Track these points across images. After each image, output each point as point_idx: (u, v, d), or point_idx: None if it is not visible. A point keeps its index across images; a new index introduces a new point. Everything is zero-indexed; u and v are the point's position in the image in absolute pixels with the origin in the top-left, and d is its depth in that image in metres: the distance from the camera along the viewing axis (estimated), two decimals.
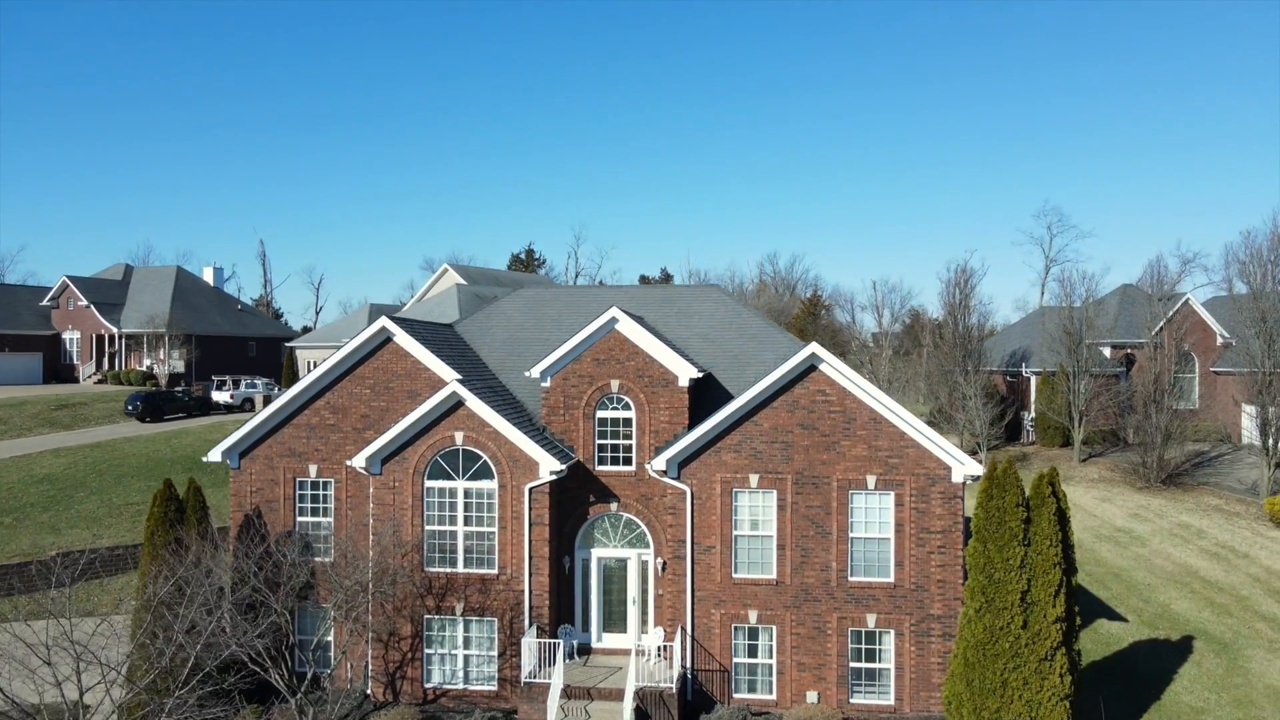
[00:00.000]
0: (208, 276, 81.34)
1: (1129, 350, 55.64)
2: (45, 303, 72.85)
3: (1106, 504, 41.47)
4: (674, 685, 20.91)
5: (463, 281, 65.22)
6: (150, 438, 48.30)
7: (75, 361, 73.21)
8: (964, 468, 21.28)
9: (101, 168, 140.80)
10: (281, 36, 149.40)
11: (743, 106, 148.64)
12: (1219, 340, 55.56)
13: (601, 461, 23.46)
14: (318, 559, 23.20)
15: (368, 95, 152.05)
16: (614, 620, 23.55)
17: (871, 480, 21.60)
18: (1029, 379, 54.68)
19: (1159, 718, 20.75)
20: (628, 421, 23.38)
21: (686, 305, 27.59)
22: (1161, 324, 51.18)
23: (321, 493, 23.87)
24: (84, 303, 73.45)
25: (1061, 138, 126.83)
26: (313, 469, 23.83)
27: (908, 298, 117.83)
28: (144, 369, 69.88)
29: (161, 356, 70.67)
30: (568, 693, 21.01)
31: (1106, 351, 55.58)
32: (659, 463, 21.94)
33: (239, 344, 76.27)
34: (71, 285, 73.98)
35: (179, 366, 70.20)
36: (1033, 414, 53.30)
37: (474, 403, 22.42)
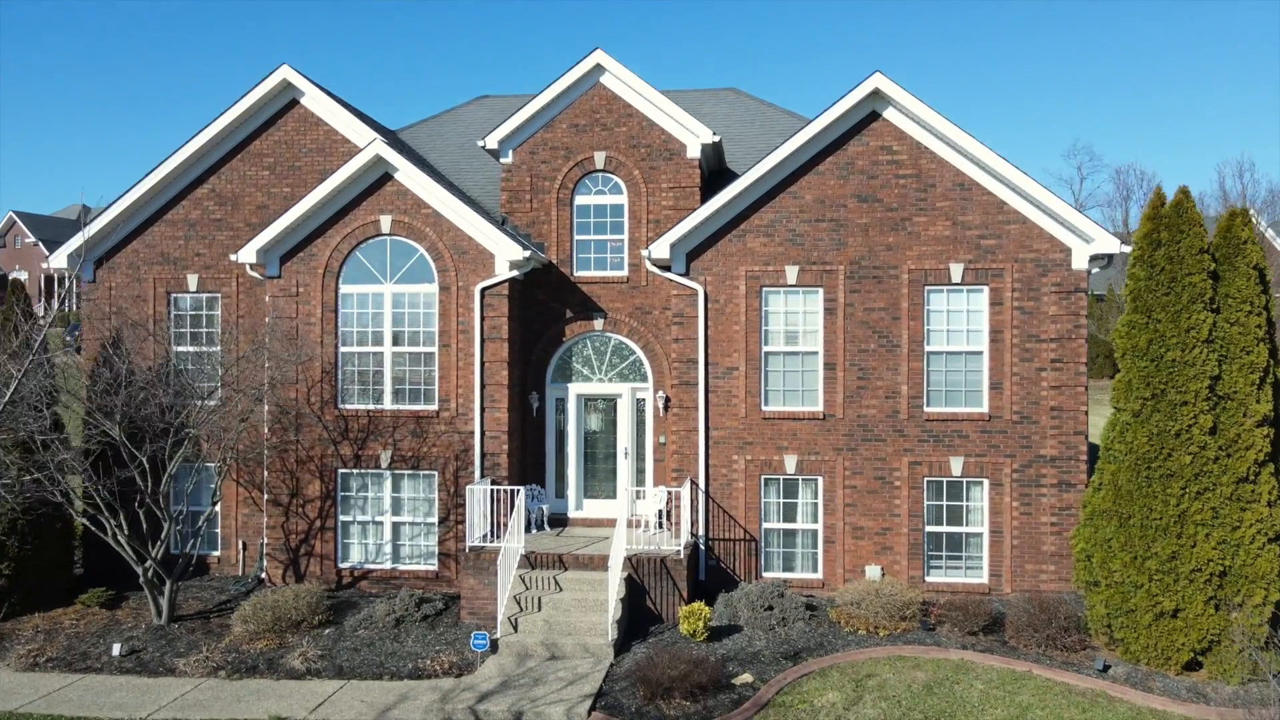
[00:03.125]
0: None
1: None
2: None
3: None
4: (681, 551, 14.76)
5: None
6: None
7: None
8: (1090, 246, 15.12)
9: (69, 114, 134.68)
10: None
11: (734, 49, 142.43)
12: None
13: (583, 265, 17.30)
14: (201, 401, 16.94)
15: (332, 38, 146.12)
16: (599, 481, 17.38)
17: (957, 271, 15.45)
18: None
19: None
20: (618, 210, 17.23)
21: (696, 107, 21.35)
22: None
23: (205, 313, 17.71)
24: (32, 240, 67.54)
25: (1092, 71, 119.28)
26: (192, 280, 17.66)
27: None
28: None
29: None
30: (531, 561, 14.85)
31: None
32: (660, 248, 15.78)
33: None
34: (19, 221, 68.06)
35: None
36: None
37: (407, 172, 16.28)
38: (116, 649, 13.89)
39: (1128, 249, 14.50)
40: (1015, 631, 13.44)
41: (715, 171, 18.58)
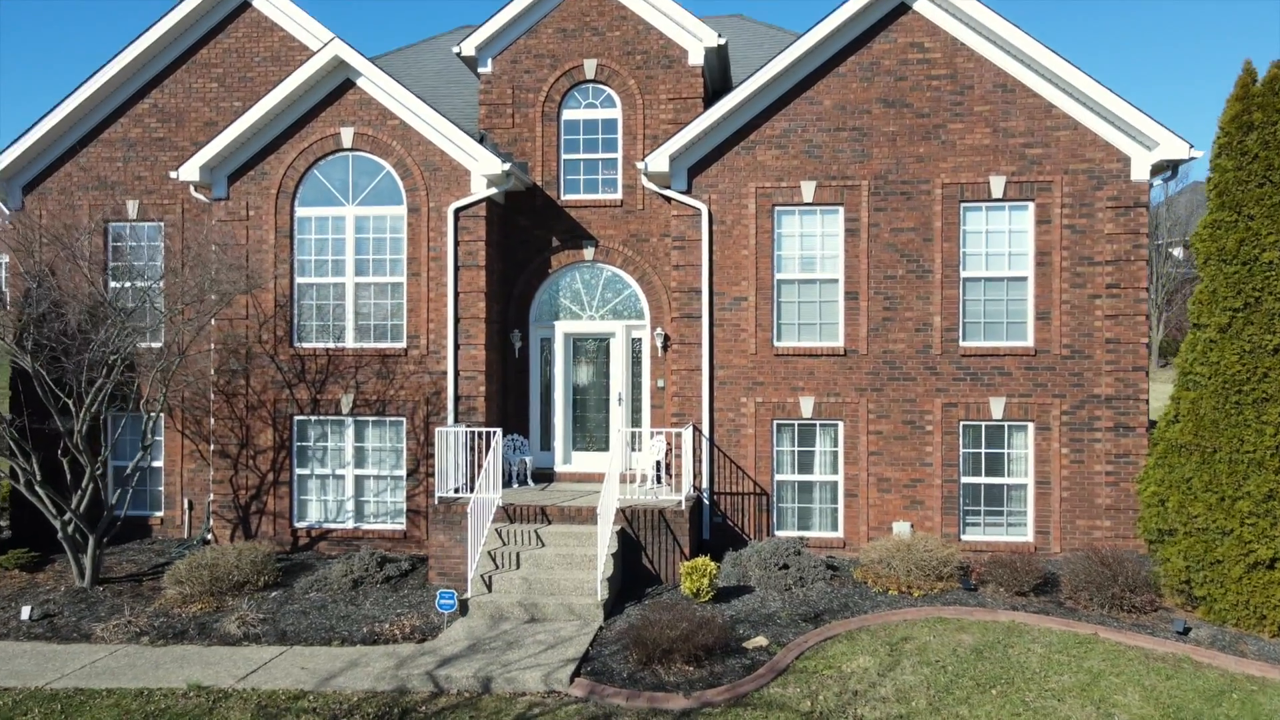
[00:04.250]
0: None
1: None
2: None
3: None
4: (682, 503, 12.82)
5: None
6: None
7: None
8: (1153, 152, 13.18)
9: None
10: None
11: None
12: None
13: (571, 187, 15.37)
14: (144, 345, 15.02)
15: None
16: (589, 431, 15.43)
17: (998, 184, 13.52)
18: None
19: None
20: (610, 125, 15.29)
21: None
22: None
23: (146, 244, 15.78)
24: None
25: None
26: (132, 207, 15.73)
27: None
28: None
29: None
30: (510, 514, 12.92)
31: (1178, 253, 47.86)
32: (658, 160, 13.84)
33: None
34: None
35: None
36: None
37: (372, 77, 14.36)
38: (26, 612, 11.95)
39: (1199, 154, 12.61)
40: (1073, 591, 11.51)
41: (720, 90, 16.64)
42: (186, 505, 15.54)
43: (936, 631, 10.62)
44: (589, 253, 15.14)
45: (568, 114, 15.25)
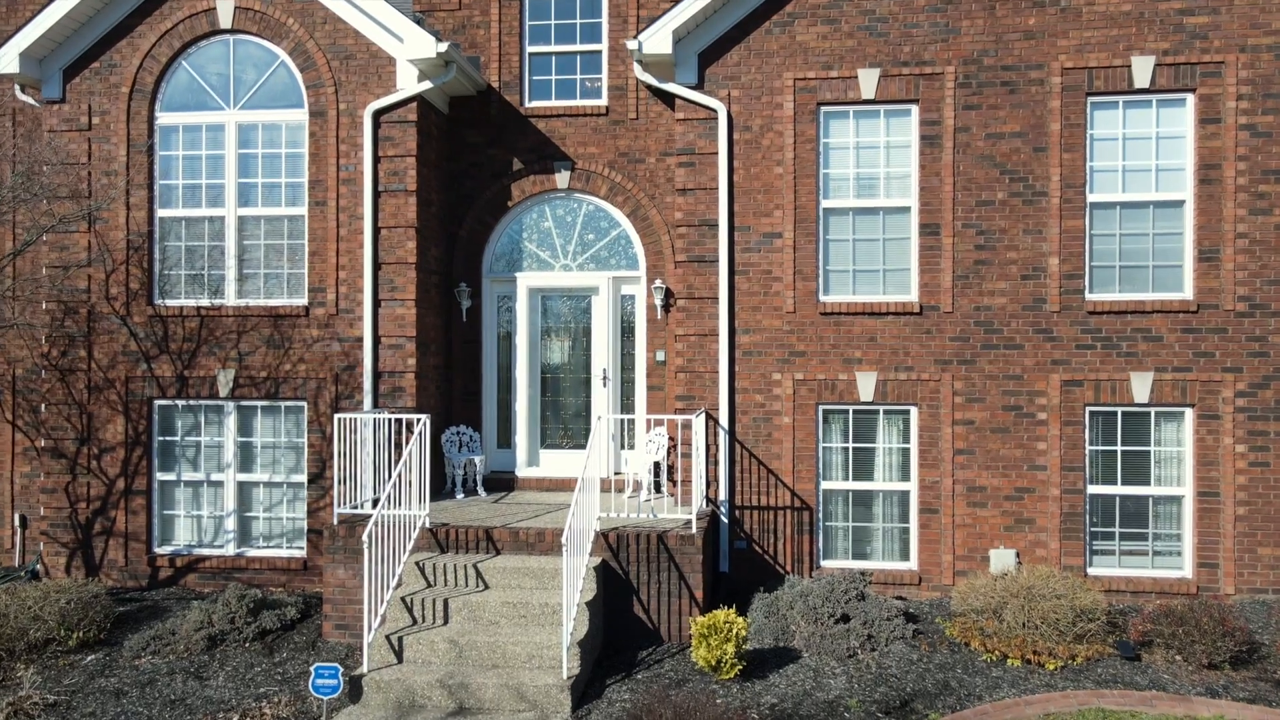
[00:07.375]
0: None
1: None
2: None
3: None
4: (692, 524, 8.77)
5: None
6: None
7: None
8: None
9: None
10: None
11: None
12: None
13: (539, 91, 11.32)
14: None
15: None
16: (564, 423, 11.37)
17: (1142, 68, 9.48)
18: None
19: None
20: (592, 5, 11.25)
21: None
22: None
23: None
24: None
25: None
26: None
27: None
28: None
29: None
30: (440, 538, 8.85)
31: None
32: (656, 40, 9.80)
33: None
34: None
35: None
36: None
37: None
38: None
39: None
40: None
41: None
42: (18, 522, 11.51)
43: None
44: (563, 178, 11.09)
45: None
